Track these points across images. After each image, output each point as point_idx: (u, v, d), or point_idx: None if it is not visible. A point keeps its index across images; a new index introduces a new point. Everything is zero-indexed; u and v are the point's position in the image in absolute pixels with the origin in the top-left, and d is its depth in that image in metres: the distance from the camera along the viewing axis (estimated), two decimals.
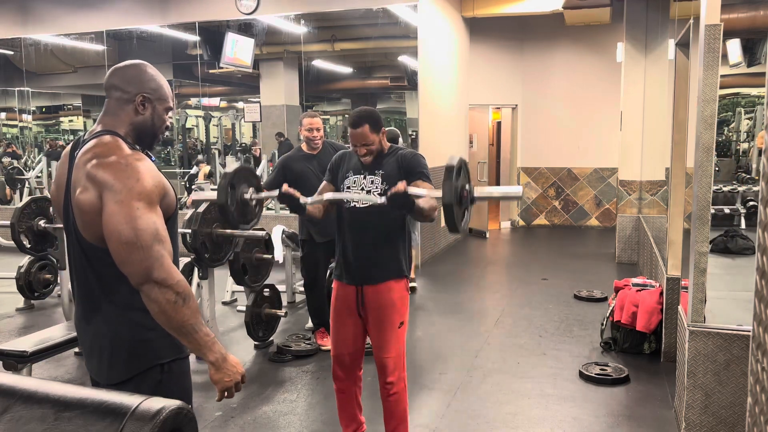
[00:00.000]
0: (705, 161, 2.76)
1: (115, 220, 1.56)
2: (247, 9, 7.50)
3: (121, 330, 1.69)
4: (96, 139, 1.68)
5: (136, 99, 1.72)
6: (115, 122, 1.72)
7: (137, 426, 0.94)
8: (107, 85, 1.74)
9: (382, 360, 2.66)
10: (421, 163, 2.64)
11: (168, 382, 1.73)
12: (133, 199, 1.57)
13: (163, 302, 1.57)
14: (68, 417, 0.98)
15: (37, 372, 3.87)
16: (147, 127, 1.75)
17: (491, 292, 6.22)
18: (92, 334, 1.74)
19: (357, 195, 2.59)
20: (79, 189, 1.62)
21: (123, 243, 1.55)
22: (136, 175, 1.60)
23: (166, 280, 1.57)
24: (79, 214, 1.64)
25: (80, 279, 1.74)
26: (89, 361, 1.78)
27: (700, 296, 2.82)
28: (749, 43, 6.24)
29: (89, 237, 1.65)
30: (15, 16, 8.75)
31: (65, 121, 12.28)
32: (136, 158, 1.64)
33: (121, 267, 1.59)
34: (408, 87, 8.32)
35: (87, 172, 1.61)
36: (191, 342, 1.63)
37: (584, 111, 9.20)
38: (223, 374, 1.66)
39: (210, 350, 1.64)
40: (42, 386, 1.06)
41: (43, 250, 4.77)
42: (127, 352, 1.69)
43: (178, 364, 1.76)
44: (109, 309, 1.70)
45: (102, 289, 1.69)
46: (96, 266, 1.69)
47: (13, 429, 0.99)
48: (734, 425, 2.74)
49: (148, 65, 1.78)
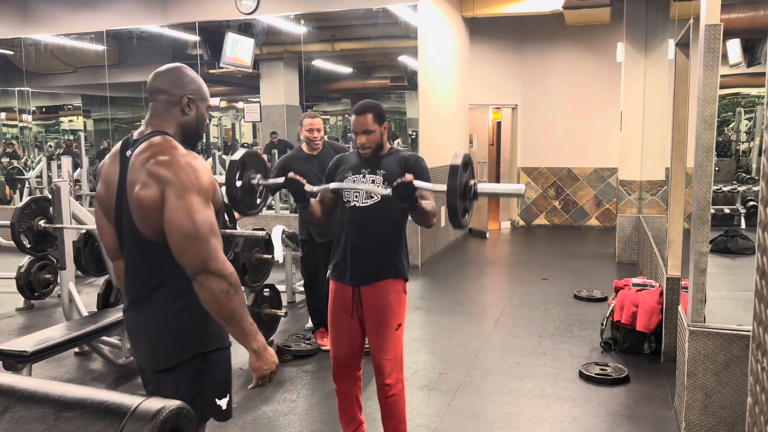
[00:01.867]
0: (705, 161, 2.76)
1: (176, 214, 1.67)
2: (247, 9, 7.50)
3: (168, 320, 1.80)
4: (150, 140, 1.78)
5: (183, 101, 1.83)
6: (163, 123, 1.83)
7: (137, 426, 0.94)
8: (152, 89, 1.85)
9: (380, 362, 2.65)
10: (424, 168, 2.64)
11: (209, 372, 1.83)
12: (193, 195, 1.69)
13: (216, 291, 1.67)
14: (68, 417, 0.98)
15: (37, 372, 3.87)
16: (192, 127, 1.87)
17: (491, 292, 6.22)
18: (140, 323, 1.84)
19: (363, 186, 2.57)
20: (139, 186, 1.72)
21: (184, 235, 1.67)
22: (195, 172, 1.71)
23: (220, 270, 1.68)
24: (137, 210, 1.74)
25: (132, 271, 1.85)
26: (136, 348, 1.90)
27: (700, 296, 2.82)
28: (749, 43, 6.24)
29: (146, 231, 1.75)
30: (15, 16, 8.75)
31: (65, 121, 12.27)
32: (193, 157, 1.76)
33: (179, 258, 1.70)
34: (408, 87, 8.31)
35: (148, 170, 1.71)
36: (238, 330, 1.73)
37: (584, 111, 9.20)
38: (262, 362, 1.78)
39: (254, 339, 1.76)
40: (42, 386, 1.06)
41: (43, 250, 4.76)
42: (172, 341, 1.80)
43: (219, 354, 1.86)
44: (158, 300, 1.80)
45: (153, 282, 1.80)
46: (149, 260, 1.79)
47: (13, 429, 0.99)
48: (734, 425, 2.74)
49: (186, 67, 1.89)
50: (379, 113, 2.61)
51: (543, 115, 9.41)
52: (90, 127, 11.50)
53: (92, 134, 11.24)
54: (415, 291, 5.86)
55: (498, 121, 10.34)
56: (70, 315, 4.35)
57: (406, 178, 2.27)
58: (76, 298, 4.36)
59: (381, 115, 2.62)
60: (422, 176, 2.59)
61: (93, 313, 4.06)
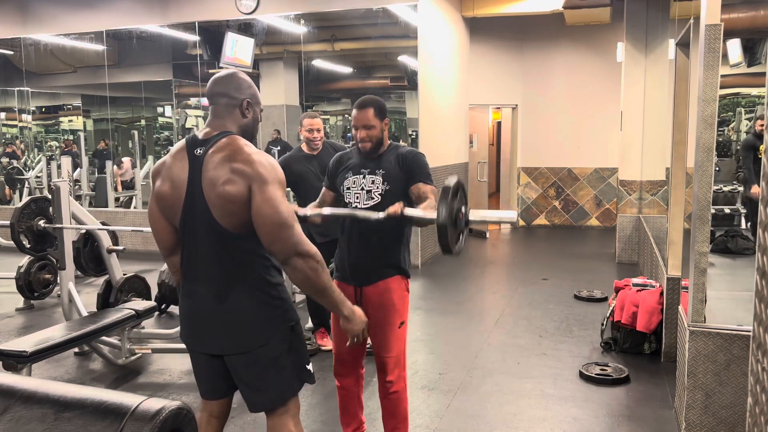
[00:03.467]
0: (705, 161, 2.76)
1: (266, 206, 1.84)
2: (247, 9, 7.50)
3: (258, 303, 1.96)
4: (223, 140, 1.92)
5: (243, 104, 2.00)
6: (227, 124, 1.99)
7: (137, 426, 0.94)
8: (212, 93, 2.00)
9: (383, 359, 2.65)
10: (423, 164, 2.62)
11: (296, 342, 2.06)
12: (276, 188, 1.86)
13: (308, 271, 1.88)
14: (68, 417, 0.98)
15: (37, 372, 3.87)
16: (250, 128, 2.05)
17: (491, 292, 6.22)
18: (228, 311, 1.97)
19: (359, 213, 2.55)
20: (223, 182, 1.86)
21: (276, 224, 1.84)
22: (273, 167, 1.89)
23: (308, 251, 1.87)
24: (221, 205, 1.87)
25: (212, 264, 1.96)
26: (215, 338, 2.00)
27: (700, 296, 2.82)
28: (749, 43, 6.24)
29: (228, 225, 1.89)
30: (15, 16, 8.75)
31: (65, 121, 12.27)
32: (265, 154, 1.94)
33: (270, 246, 1.87)
34: (408, 87, 8.31)
35: (232, 168, 1.86)
36: (330, 300, 1.99)
37: (584, 111, 9.20)
38: (354, 324, 2.08)
39: (344, 305, 2.04)
40: (42, 386, 1.06)
41: (42, 250, 4.75)
42: (263, 319, 1.98)
43: (299, 326, 2.08)
44: (244, 287, 1.95)
45: (239, 271, 1.95)
46: (231, 251, 1.93)
47: (13, 429, 0.99)
48: (734, 425, 2.73)
49: (242, 73, 2.07)
50: (381, 108, 2.60)
51: (543, 115, 9.41)
52: (90, 127, 11.50)
53: (92, 134, 11.24)
54: (415, 291, 5.86)
55: (498, 121, 10.35)
56: (70, 315, 4.35)
57: (396, 210, 2.34)
58: (75, 298, 4.35)
59: (382, 110, 2.61)
60: (421, 173, 2.59)
61: (93, 313, 4.05)
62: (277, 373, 2.02)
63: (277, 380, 2.03)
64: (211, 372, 2.10)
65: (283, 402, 2.05)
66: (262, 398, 2.05)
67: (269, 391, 2.03)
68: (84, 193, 8.77)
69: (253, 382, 2.03)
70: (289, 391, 2.06)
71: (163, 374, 3.98)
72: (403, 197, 2.55)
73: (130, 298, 4.52)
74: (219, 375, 2.08)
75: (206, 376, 2.12)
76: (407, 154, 2.63)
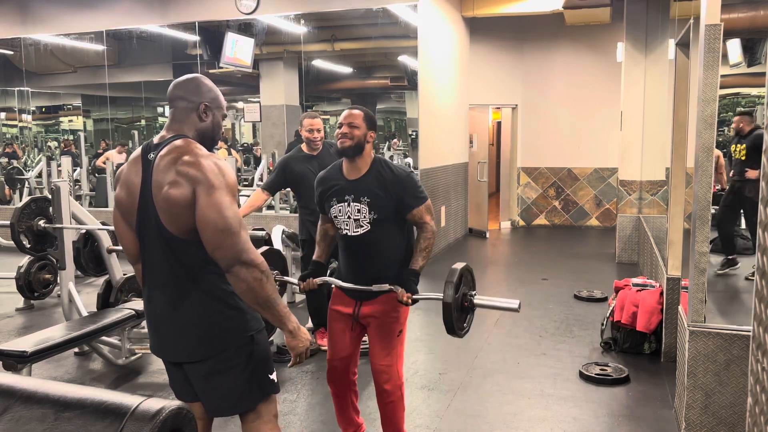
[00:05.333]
0: (705, 161, 2.76)
1: (210, 211, 1.77)
2: (247, 9, 7.49)
3: (211, 311, 1.90)
4: (173, 143, 1.89)
5: (200, 107, 1.95)
6: (183, 128, 1.95)
7: (137, 426, 0.94)
8: (172, 96, 1.98)
9: (380, 367, 2.64)
10: (411, 185, 2.54)
11: (257, 352, 1.98)
12: (222, 193, 1.79)
13: (251, 280, 1.79)
14: (68, 417, 0.98)
15: (37, 372, 3.87)
16: (209, 132, 1.99)
17: (491, 293, 6.21)
18: (180, 319, 1.92)
19: (357, 287, 2.54)
20: (168, 185, 1.81)
21: (219, 230, 1.77)
22: (222, 171, 1.83)
23: (253, 260, 1.79)
24: (167, 209, 1.82)
25: (164, 270, 1.92)
26: (174, 344, 1.96)
27: (700, 296, 2.82)
28: (749, 43, 6.24)
29: (175, 230, 1.84)
30: (15, 16, 8.75)
31: (65, 121, 12.27)
32: (216, 157, 1.88)
33: (213, 253, 1.79)
34: (408, 87, 8.31)
35: (177, 170, 1.81)
36: (273, 314, 1.86)
37: (584, 111, 9.20)
38: (298, 341, 1.94)
39: (288, 320, 1.91)
40: (42, 386, 1.06)
41: (42, 250, 4.76)
42: (219, 329, 1.91)
43: (262, 334, 2.02)
44: (197, 294, 1.90)
45: (189, 278, 1.89)
46: (181, 257, 1.88)
47: (13, 429, 0.99)
48: (734, 425, 2.73)
49: (205, 78, 2.02)
50: (371, 118, 2.58)
51: (543, 115, 9.41)
52: (90, 127, 11.50)
53: (92, 134, 11.24)
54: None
55: (498, 121, 10.34)
56: (70, 315, 4.35)
57: (403, 299, 2.43)
58: (75, 298, 4.36)
59: (372, 120, 2.58)
60: (410, 196, 2.54)
61: (93, 313, 4.06)
62: (232, 384, 1.96)
63: (231, 390, 1.96)
64: (176, 376, 2.06)
65: (252, 408, 2.00)
66: (216, 406, 2.01)
67: (223, 401, 1.98)
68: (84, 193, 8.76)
69: (206, 390, 1.98)
70: (247, 401, 1.99)
71: (163, 374, 3.98)
72: (392, 222, 2.55)
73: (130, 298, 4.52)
74: (183, 380, 2.03)
75: (173, 380, 2.09)
76: (392, 180, 2.53)
